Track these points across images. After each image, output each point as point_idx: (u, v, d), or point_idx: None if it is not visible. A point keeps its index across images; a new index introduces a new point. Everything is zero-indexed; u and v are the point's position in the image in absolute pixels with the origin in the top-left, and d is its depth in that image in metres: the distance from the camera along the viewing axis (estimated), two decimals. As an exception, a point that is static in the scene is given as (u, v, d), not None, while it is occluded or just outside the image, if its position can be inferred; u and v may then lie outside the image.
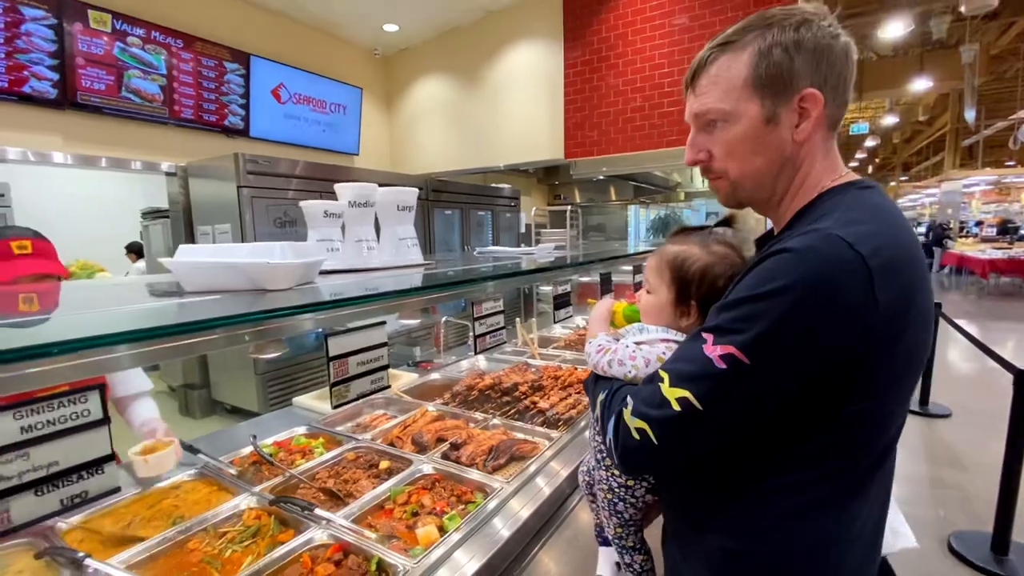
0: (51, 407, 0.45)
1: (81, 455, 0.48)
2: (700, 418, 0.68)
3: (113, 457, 0.51)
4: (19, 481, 0.44)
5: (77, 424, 0.47)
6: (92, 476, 0.48)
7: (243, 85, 4.62)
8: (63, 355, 0.44)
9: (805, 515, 0.74)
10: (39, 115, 3.56)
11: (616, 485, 0.99)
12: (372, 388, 0.87)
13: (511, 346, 2.92)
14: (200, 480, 1.45)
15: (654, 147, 4.61)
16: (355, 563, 1.07)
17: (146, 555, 1.11)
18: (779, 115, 0.74)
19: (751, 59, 0.74)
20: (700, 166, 0.84)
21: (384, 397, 2.11)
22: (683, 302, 0.89)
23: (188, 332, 0.54)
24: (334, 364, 0.79)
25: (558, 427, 1.72)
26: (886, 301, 0.64)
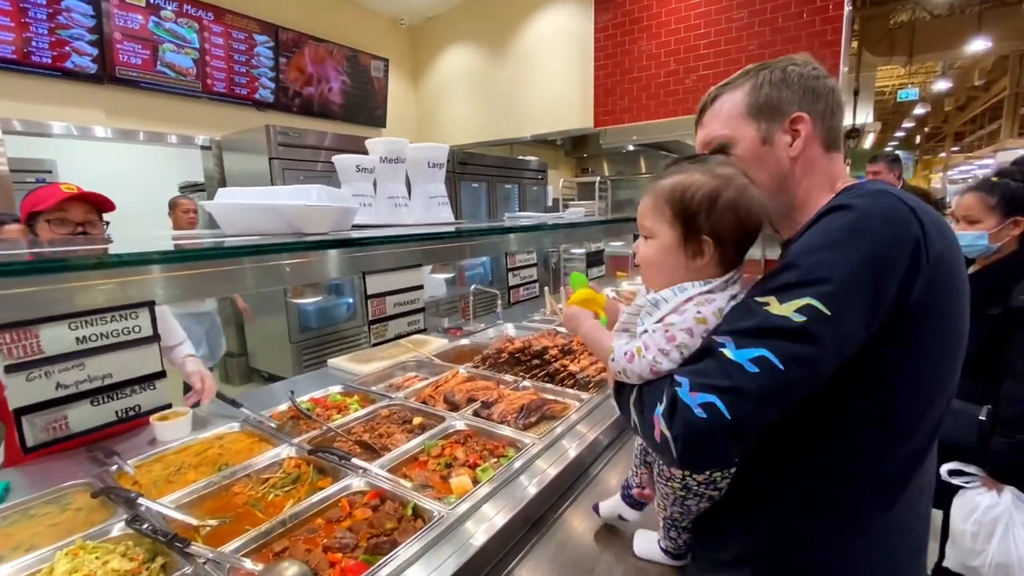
0: (104, 320, 0.47)
1: (133, 369, 0.49)
2: (780, 380, 0.63)
3: (164, 374, 0.52)
4: (76, 390, 0.45)
5: (129, 339, 0.49)
6: (144, 391, 0.50)
7: (272, 58, 4.64)
8: (118, 267, 0.44)
9: (852, 499, 0.75)
10: (81, 90, 3.66)
11: (695, 482, 0.87)
12: (409, 330, 0.88)
13: (539, 315, 2.91)
14: (242, 432, 1.51)
15: (688, 113, 4.44)
16: (392, 508, 1.10)
17: (195, 496, 1.17)
18: (773, 136, 0.83)
19: (747, 92, 0.85)
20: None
21: (415, 360, 2.14)
22: (693, 238, 0.77)
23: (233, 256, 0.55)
24: (372, 302, 0.79)
25: (588, 389, 1.71)
26: (935, 257, 0.67)
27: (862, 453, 0.74)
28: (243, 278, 0.60)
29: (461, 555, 0.96)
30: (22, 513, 1.13)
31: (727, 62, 4.25)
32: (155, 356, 0.51)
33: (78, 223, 1.54)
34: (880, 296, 0.65)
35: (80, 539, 0.98)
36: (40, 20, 3.36)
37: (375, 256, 0.73)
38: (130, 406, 0.50)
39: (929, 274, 0.66)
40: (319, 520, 1.08)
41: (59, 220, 1.52)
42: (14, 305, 0.43)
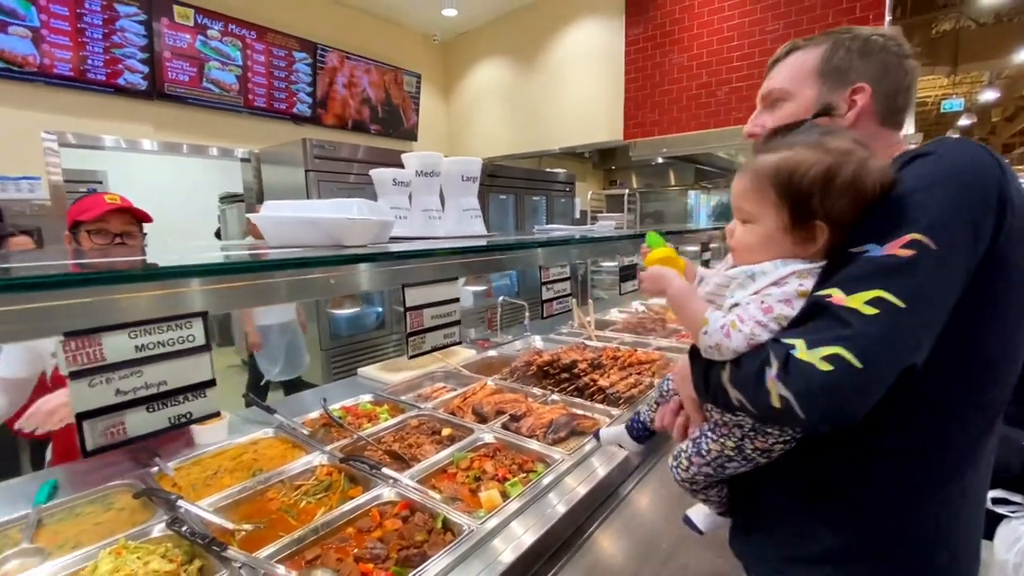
0: (160, 329, 0.49)
1: (187, 377, 0.51)
2: (905, 318, 0.59)
3: (214, 382, 0.54)
4: (133, 396, 0.47)
5: (183, 348, 0.51)
6: (196, 399, 0.52)
7: (310, 74, 4.80)
8: (165, 278, 0.46)
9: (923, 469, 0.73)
10: (132, 105, 3.86)
11: (752, 447, 0.79)
12: (445, 342, 0.89)
13: (567, 327, 2.90)
14: (276, 438, 1.54)
15: (720, 125, 4.39)
16: (421, 520, 1.10)
17: (230, 500, 1.19)
18: (831, 100, 0.84)
19: (822, 52, 0.86)
20: (754, 140, 0.91)
21: (444, 370, 2.15)
22: (802, 223, 0.69)
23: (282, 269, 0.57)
24: (410, 315, 0.80)
25: (619, 405, 1.69)
26: (1017, 203, 0.66)
27: (943, 428, 0.71)
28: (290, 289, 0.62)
29: (490, 572, 0.95)
30: (68, 511, 1.17)
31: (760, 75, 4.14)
32: (207, 365, 0.53)
33: (116, 234, 1.60)
34: (978, 236, 0.63)
35: (123, 539, 1.01)
36: (96, 40, 3.56)
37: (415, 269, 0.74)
38: (182, 413, 0.52)
39: (1015, 225, 0.65)
40: (350, 529, 1.09)
41: (99, 231, 1.58)
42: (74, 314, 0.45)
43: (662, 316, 3.08)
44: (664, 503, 1.32)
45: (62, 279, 0.40)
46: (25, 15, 3.27)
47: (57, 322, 0.42)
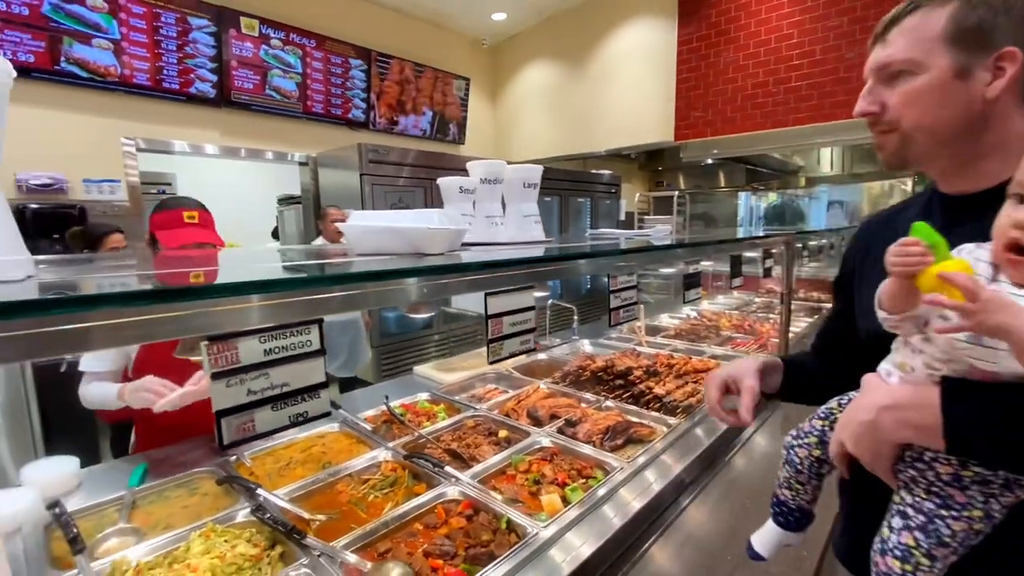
0: (284, 335, 0.53)
1: (304, 379, 0.55)
2: None
3: (327, 384, 0.58)
4: (261, 396, 0.51)
5: (302, 352, 0.55)
6: (311, 399, 0.55)
7: (365, 80, 4.96)
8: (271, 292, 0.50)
9: None
10: (201, 112, 4.10)
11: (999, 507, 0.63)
12: (521, 349, 0.91)
13: (616, 332, 2.87)
14: (341, 432, 1.60)
15: (777, 126, 4.24)
16: (485, 519, 1.12)
17: (303, 491, 1.25)
18: (972, 70, 0.71)
19: (952, 13, 0.71)
20: (869, 118, 0.81)
21: (495, 372, 2.18)
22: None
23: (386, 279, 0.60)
24: (492, 322, 0.82)
25: (676, 414, 1.67)
26: None
27: None
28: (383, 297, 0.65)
29: (563, 570, 0.96)
30: (158, 494, 1.26)
31: (822, 72, 4.02)
32: (320, 368, 0.57)
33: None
34: None
35: (210, 523, 1.08)
36: (171, 51, 3.81)
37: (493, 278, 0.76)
38: (300, 412, 0.56)
39: None
40: (417, 525, 1.12)
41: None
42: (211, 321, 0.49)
43: (715, 323, 3.01)
44: (723, 519, 1.29)
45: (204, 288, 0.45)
46: (107, 28, 3.53)
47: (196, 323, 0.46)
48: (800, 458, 0.84)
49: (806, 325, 3.02)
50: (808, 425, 0.85)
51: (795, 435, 0.85)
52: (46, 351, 0.41)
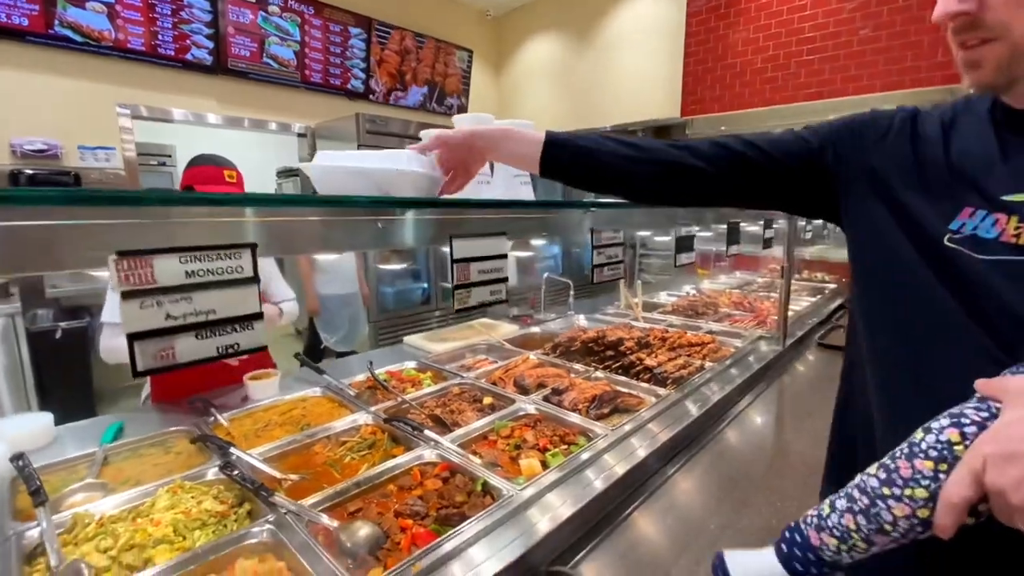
0: (210, 257, 0.48)
1: (234, 308, 0.51)
2: None
3: (262, 316, 0.54)
4: (183, 322, 0.47)
5: (232, 278, 0.50)
6: (243, 330, 0.51)
7: (364, 49, 4.85)
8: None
9: None
10: (198, 80, 4.02)
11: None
12: (492, 299, 0.86)
13: (613, 308, 2.83)
14: (324, 397, 1.58)
15: (786, 101, 4.11)
16: (461, 482, 1.09)
17: (279, 451, 1.23)
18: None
19: None
20: (959, 22, 0.60)
21: (486, 343, 2.14)
22: None
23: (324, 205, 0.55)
24: (457, 267, 0.78)
25: (666, 385, 1.62)
26: None
27: None
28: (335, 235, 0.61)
29: (528, 539, 0.93)
30: (132, 451, 1.24)
31: (836, 46, 3.88)
32: (254, 297, 0.52)
33: None
34: None
35: (179, 479, 1.06)
36: (166, 15, 3.72)
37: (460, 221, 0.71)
38: (230, 343, 0.52)
39: None
40: (391, 486, 1.10)
41: None
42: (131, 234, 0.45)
43: (715, 300, 2.95)
44: (716, 484, 1.26)
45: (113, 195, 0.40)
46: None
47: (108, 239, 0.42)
48: (896, 516, 0.54)
49: (808, 304, 2.95)
50: (907, 468, 0.54)
51: (884, 479, 0.55)
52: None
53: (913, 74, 3.61)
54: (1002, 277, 0.60)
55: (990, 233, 0.62)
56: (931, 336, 0.66)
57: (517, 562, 0.88)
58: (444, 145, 0.98)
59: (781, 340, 2.14)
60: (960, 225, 0.65)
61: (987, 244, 0.62)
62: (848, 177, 0.80)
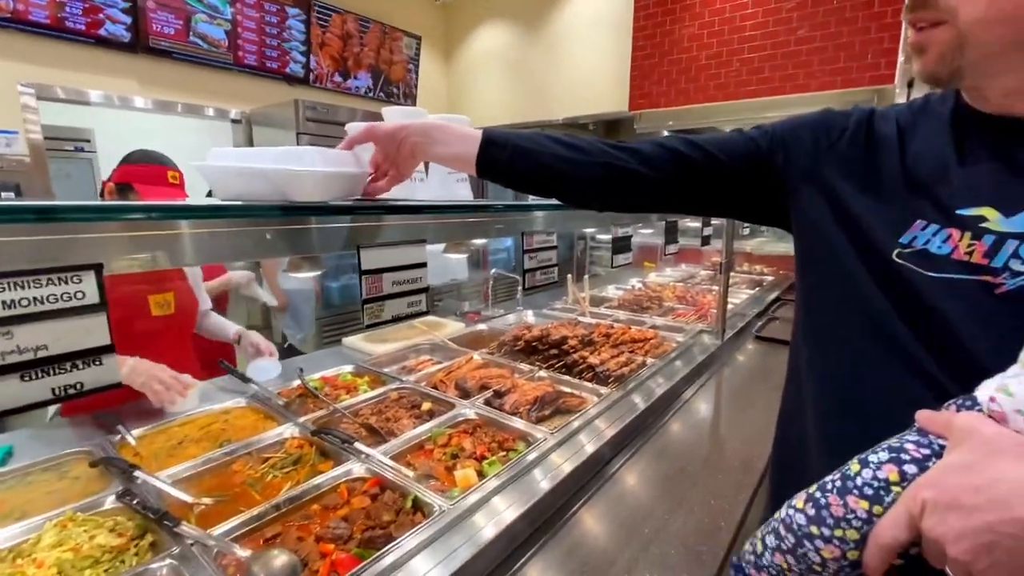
0: (37, 283, 0.40)
1: (74, 342, 0.43)
2: None
3: (112, 348, 0.46)
4: (2, 361, 0.39)
5: (69, 307, 0.42)
6: (88, 367, 0.44)
7: (304, 31, 4.59)
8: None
9: None
10: (115, 59, 3.68)
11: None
12: (409, 312, 0.80)
13: (561, 303, 2.82)
14: (249, 408, 1.47)
15: (730, 98, 4.21)
16: (391, 498, 1.04)
17: (193, 472, 1.13)
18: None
19: None
20: (914, 10, 0.58)
21: (430, 343, 2.08)
22: None
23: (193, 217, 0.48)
24: (367, 279, 0.71)
25: (608, 384, 1.62)
26: None
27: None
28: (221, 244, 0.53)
29: (462, 554, 0.89)
30: (20, 479, 1.11)
31: (774, 45, 4.00)
32: (102, 327, 0.44)
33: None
34: None
35: (71, 510, 0.95)
36: (76, -13, 3.37)
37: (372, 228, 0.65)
38: (70, 383, 0.44)
39: None
40: (315, 506, 1.03)
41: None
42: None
43: (659, 294, 3.00)
44: (651, 484, 1.26)
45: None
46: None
47: None
48: (824, 559, 0.52)
49: (747, 297, 3.06)
50: (839, 506, 0.51)
51: (813, 517, 0.53)
52: None
53: (844, 74, 3.78)
54: (952, 297, 0.57)
55: (942, 249, 0.58)
56: (872, 355, 0.63)
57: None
58: (372, 138, 0.91)
59: (720, 334, 2.19)
60: (911, 239, 0.61)
61: (938, 261, 0.58)
62: (797, 182, 0.77)
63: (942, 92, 0.67)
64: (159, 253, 0.48)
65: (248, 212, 0.54)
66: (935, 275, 0.58)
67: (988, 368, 0.50)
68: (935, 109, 0.67)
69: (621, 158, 0.85)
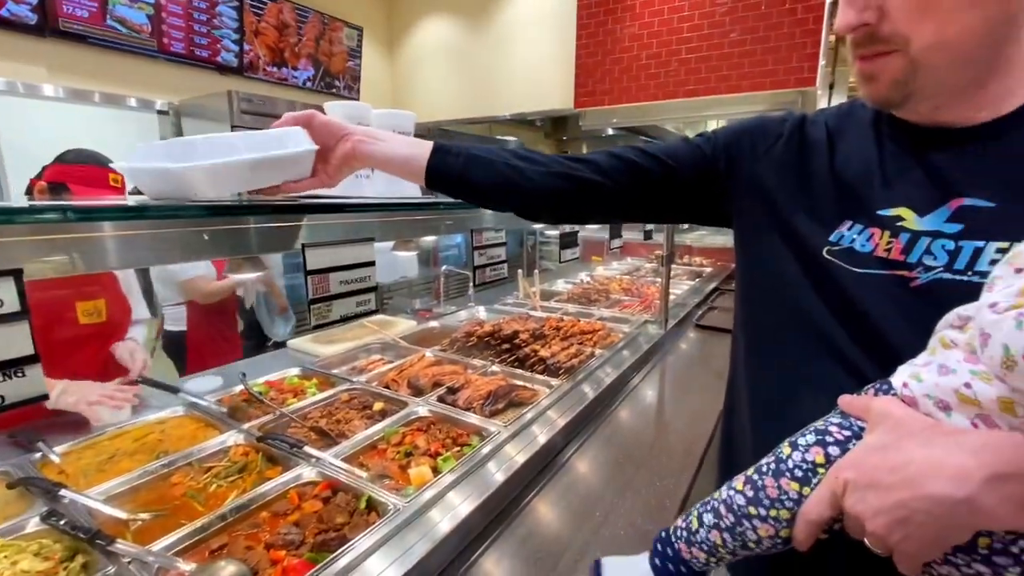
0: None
1: (-11, 354, 0.40)
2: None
3: (36, 359, 0.43)
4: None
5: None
6: (9, 379, 0.41)
7: (237, 19, 4.36)
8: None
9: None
10: (19, 43, 3.36)
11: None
12: (358, 311, 0.80)
13: (512, 298, 2.85)
14: (187, 416, 1.41)
15: (669, 97, 4.38)
16: (344, 500, 1.02)
17: (127, 487, 1.07)
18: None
19: None
20: (859, 34, 0.58)
21: (381, 342, 2.06)
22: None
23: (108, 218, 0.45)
24: (313, 279, 0.70)
25: (559, 375, 1.66)
26: None
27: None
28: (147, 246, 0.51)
29: (418, 550, 0.90)
30: (-74, 506, 1.01)
31: (709, 47, 4.19)
32: (23, 336, 0.41)
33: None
34: None
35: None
36: (-30, -38, 3.05)
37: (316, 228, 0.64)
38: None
39: None
40: (264, 514, 1.00)
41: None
42: None
43: (606, 287, 3.09)
44: (601, 469, 1.31)
45: None
46: None
47: None
48: (760, 536, 0.56)
49: (687, 287, 3.20)
50: (773, 487, 0.56)
51: (751, 499, 0.57)
52: None
53: (773, 76, 4.02)
54: (873, 291, 0.61)
55: (865, 247, 0.63)
56: (806, 349, 0.67)
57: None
58: (308, 124, 0.84)
59: (663, 324, 2.29)
60: (839, 237, 0.66)
61: (862, 258, 0.63)
62: (738, 186, 0.80)
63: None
64: (77, 255, 0.45)
65: (172, 213, 0.51)
66: (859, 271, 0.63)
67: (906, 356, 0.55)
68: (859, 114, 0.72)
69: (577, 168, 0.86)
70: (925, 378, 0.49)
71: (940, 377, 0.48)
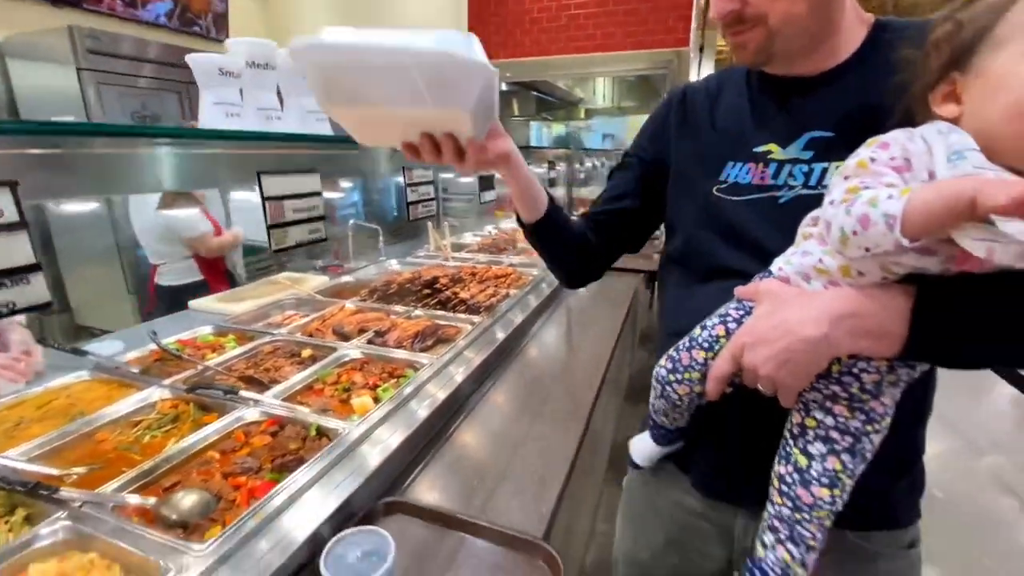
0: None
1: (1, 259, 0.41)
2: None
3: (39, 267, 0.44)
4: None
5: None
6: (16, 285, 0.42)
7: (64, -62, 3.65)
8: None
9: None
10: None
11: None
12: (311, 238, 0.84)
13: (424, 251, 2.90)
14: (94, 380, 1.32)
15: (561, 52, 4.53)
16: (293, 431, 1.08)
17: (47, 448, 1.02)
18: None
19: None
20: (729, 18, 0.72)
21: (295, 297, 2.02)
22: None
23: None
24: (270, 205, 0.73)
25: (479, 313, 1.79)
26: None
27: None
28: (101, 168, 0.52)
29: (368, 468, 0.99)
30: None
31: (597, 3, 4.37)
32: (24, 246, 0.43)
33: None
34: None
35: None
36: None
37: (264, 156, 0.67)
38: (2, 302, 0.42)
39: None
40: (212, 452, 1.02)
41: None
42: None
43: (512, 237, 3.25)
44: (515, 401, 1.45)
45: None
46: None
47: None
48: (680, 395, 0.76)
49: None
50: (687, 357, 0.74)
51: (671, 368, 0.76)
52: None
53: (652, 35, 4.32)
54: (751, 212, 0.77)
55: (744, 179, 0.79)
56: (708, 276, 0.83)
57: (356, 493, 0.92)
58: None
59: (568, 265, 2.51)
60: (725, 176, 0.81)
61: (743, 188, 0.78)
62: (668, 166, 0.95)
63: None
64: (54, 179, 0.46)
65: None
66: (741, 199, 0.79)
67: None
68: (734, 76, 0.88)
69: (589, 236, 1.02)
70: (793, 261, 0.67)
71: (803, 259, 0.65)
